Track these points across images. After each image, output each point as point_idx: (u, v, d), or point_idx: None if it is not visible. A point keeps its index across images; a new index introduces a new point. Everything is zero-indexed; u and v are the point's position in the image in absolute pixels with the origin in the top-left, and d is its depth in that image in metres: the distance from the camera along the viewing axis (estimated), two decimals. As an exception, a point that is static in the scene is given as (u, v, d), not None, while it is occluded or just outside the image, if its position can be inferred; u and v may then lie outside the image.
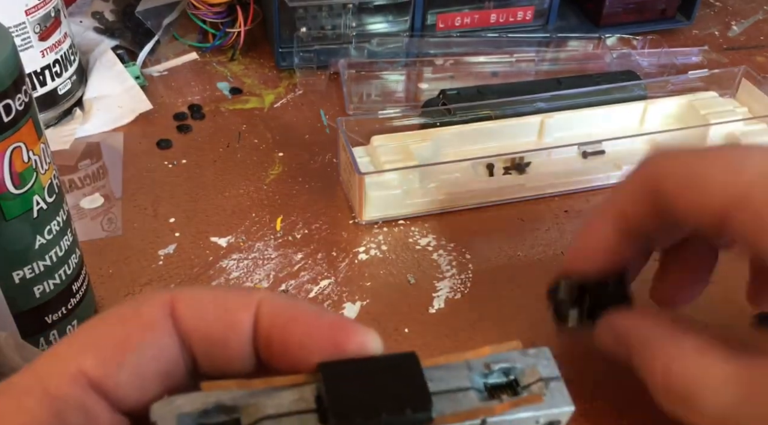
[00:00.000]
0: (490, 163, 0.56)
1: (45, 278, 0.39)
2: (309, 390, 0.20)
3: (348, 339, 0.21)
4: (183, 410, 0.20)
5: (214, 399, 0.20)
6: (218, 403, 0.20)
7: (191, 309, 0.21)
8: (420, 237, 0.52)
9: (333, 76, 0.68)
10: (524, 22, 0.72)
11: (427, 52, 0.69)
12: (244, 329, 0.21)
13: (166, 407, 0.20)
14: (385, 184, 0.53)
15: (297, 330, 0.21)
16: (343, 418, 0.19)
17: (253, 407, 0.20)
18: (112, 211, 0.54)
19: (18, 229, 0.36)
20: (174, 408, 0.20)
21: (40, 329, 0.40)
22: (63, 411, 0.19)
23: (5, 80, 0.33)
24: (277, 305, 0.21)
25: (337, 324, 0.21)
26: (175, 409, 0.20)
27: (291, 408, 0.20)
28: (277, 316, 0.21)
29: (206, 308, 0.21)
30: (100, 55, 0.66)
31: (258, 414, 0.20)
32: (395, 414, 0.20)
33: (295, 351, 0.21)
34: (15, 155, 0.34)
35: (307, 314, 0.21)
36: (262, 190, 0.56)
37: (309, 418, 0.20)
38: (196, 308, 0.21)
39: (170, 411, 0.20)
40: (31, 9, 0.54)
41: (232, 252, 0.51)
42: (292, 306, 0.21)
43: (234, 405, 0.20)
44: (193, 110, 0.64)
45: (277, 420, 0.20)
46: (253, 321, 0.21)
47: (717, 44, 0.76)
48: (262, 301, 0.21)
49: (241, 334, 0.21)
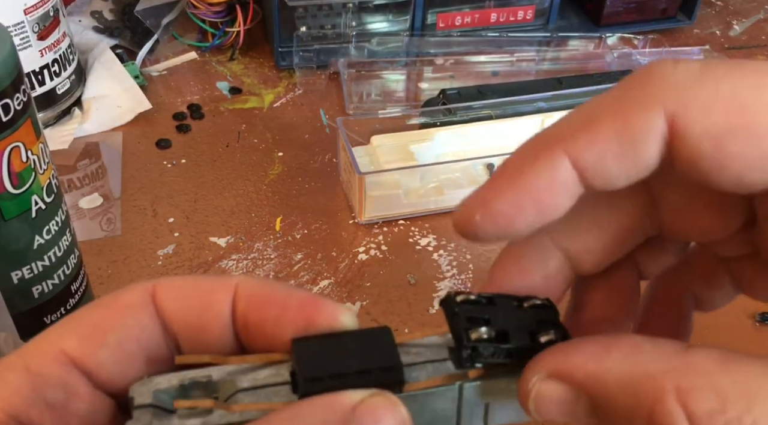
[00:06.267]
0: (490, 163, 0.55)
1: (44, 278, 0.39)
2: (285, 367, 0.21)
3: (318, 313, 0.21)
4: (160, 387, 0.20)
5: (191, 377, 0.21)
6: (194, 380, 0.21)
7: (171, 294, 0.22)
8: (420, 237, 0.52)
9: (333, 75, 0.68)
10: (525, 21, 0.72)
11: (428, 51, 0.69)
12: (222, 310, 0.22)
13: (144, 385, 0.20)
14: (385, 184, 0.52)
15: (271, 309, 0.22)
16: (312, 380, 0.20)
17: (230, 383, 0.21)
18: (111, 211, 0.54)
19: (16, 229, 0.36)
20: (152, 385, 0.20)
21: (39, 329, 0.40)
22: (41, 386, 0.20)
23: (4, 80, 0.33)
24: (253, 287, 0.22)
25: (308, 300, 0.22)
26: (152, 386, 0.20)
27: (266, 381, 0.21)
28: (253, 297, 0.22)
29: (185, 292, 0.22)
30: (99, 55, 0.65)
31: (233, 389, 0.21)
32: (364, 374, 0.20)
33: (271, 329, 0.21)
34: (13, 154, 0.34)
35: (280, 294, 0.22)
36: (262, 190, 0.56)
37: (282, 389, 0.20)
38: (175, 292, 0.22)
39: (148, 388, 0.20)
40: (30, 8, 0.54)
41: (231, 252, 0.51)
42: (267, 287, 0.22)
43: (209, 382, 0.21)
44: (193, 110, 0.64)
45: (251, 392, 0.21)
46: (231, 304, 0.22)
47: (718, 44, 0.76)
48: (239, 284, 0.22)
49: (219, 316, 0.22)
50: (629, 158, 0.20)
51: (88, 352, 0.21)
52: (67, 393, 0.21)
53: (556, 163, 0.21)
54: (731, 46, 0.76)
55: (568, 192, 0.21)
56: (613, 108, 0.21)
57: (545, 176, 0.21)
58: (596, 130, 0.20)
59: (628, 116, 0.20)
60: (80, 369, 0.21)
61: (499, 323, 0.22)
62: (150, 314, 0.22)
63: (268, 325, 0.22)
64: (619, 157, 0.20)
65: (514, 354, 0.22)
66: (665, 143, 0.20)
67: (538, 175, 0.21)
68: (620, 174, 0.21)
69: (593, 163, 0.21)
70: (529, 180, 0.21)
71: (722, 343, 0.45)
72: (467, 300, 0.22)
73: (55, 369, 0.21)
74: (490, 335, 0.21)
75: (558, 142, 0.21)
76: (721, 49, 0.74)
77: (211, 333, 0.22)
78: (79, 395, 0.21)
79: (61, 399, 0.21)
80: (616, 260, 0.26)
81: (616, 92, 0.21)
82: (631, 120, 0.20)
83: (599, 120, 0.21)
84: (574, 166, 0.21)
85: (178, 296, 0.22)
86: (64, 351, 0.21)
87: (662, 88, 0.20)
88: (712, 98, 0.20)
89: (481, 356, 0.21)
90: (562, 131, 0.21)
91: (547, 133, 0.22)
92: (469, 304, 0.22)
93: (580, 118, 0.21)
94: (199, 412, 0.20)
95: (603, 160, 0.20)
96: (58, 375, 0.21)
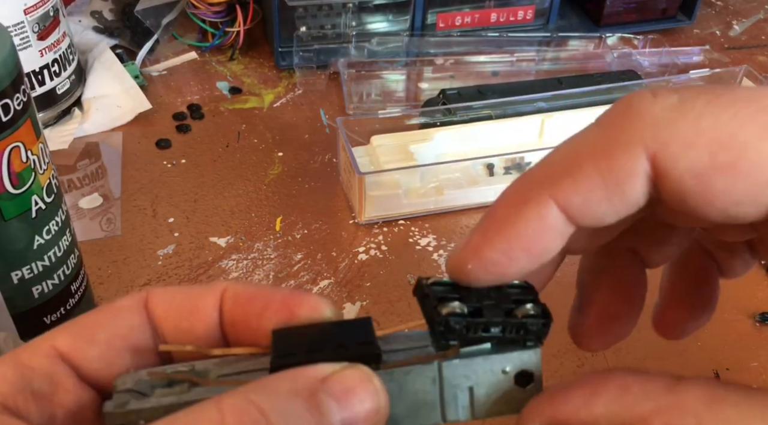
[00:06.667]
0: (490, 163, 0.55)
1: (44, 278, 0.39)
2: (266, 358, 0.21)
3: (300, 306, 0.22)
4: (143, 378, 0.21)
5: (173, 368, 0.21)
6: (176, 371, 0.21)
7: (162, 299, 0.23)
8: (420, 237, 0.52)
9: (333, 75, 0.68)
10: (525, 21, 0.72)
11: (428, 51, 0.69)
12: (209, 312, 0.23)
13: (128, 377, 0.21)
14: (385, 184, 0.52)
15: (255, 304, 0.23)
16: (284, 355, 0.20)
17: (211, 372, 0.21)
18: (111, 211, 0.54)
19: (16, 229, 0.36)
20: (136, 377, 0.21)
21: (39, 329, 0.40)
22: (29, 375, 0.21)
23: (4, 80, 0.33)
24: (239, 288, 0.23)
25: (291, 295, 0.23)
26: (136, 377, 0.21)
27: (246, 369, 0.21)
28: (239, 297, 0.23)
29: (175, 297, 0.23)
30: (99, 55, 0.65)
31: (214, 376, 0.21)
32: (338, 348, 0.20)
33: (255, 323, 0.22)
34: (13, 154, 0.34)
35: (264, 291, 0.23)
36: (262, 190, 0.56)
37: (261, 374, 0.21)
38: (166, 298, 0.23)
39: (132, 378, 0.21)
40: (30, 8, 0.54)
41: (231, 252, 0.51)
42: (253, 287, 0.23)
43: (192, 371, 0.21)
44: (193, 110, 0.63)
45: (231, 377, 0.21)
46: (219, 306, 0.23)
47: (718, 44, 0.76)
48: (227, 288, 0.23)
49: (206, 317, 0.23)
50: (616, 199, 0.21)
51: (77, 347, 0.22)
52: (53, 384, 0.21)
53: (543, 209, 0.21)
54: (731, 46, 0.76)
55: (558, 234, 0.21)
56: (595, 149, 0.21)
57: (533, 224, 0.21)
58: (580, 173, 0.21)
59: (610, 158, 0.20)
60: (68, 362, 0.22)
61: (473, 301, 0.22)
62: (140, 317, 0.23)
63: (252, 320, 0.22)
64: (605, 199, 0.20)
65: (491, 329, 0.21)
66: (651, 182, 0.20)
67: (527, 222, 0.21)
68: (608, 213, 0.21)
69: (580, 206, 0.21)
70: (518, 228, 0.21)
71: (722, 343, 0.45)
72: (438, 282, 0.22)
73: (43, 361, 0.22)
74: (463, 310, 0.21)
75: (543, 187, 0.21)
76: (721, 49, 0.74)
77: (198, 334, 0.23)
78: (65, 387, 0.22)
79: (47, 389, 0.21)
80: (608, 241, 0.26)
81: (597, 131, 0.21)
82: (613, 162, 0.20)
83: (582, 163, 0.21)
84: (561, 210, 0.21)
85: (168, 300, 0.23)
86: (54, 346, 0.22)
87: (641, 126, 0.20)
88: (693, 134, 0.20)
89: (454, 331, 0.21)
90: (547, 175, 0.21)
91: (532, 176, 0.22)
92: (441, 286, 0.22)
93: (564, 160, 0.21)
94: (176, 391, 0.21)
95: (589, 203, 0.21)
96: (45, 367, 0.21)
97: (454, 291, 0.22)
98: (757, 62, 0.73)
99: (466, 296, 0.22)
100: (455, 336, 0.21)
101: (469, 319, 0.21)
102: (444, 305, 0.21)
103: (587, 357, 0.43)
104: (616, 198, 0.20)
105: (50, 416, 0.21)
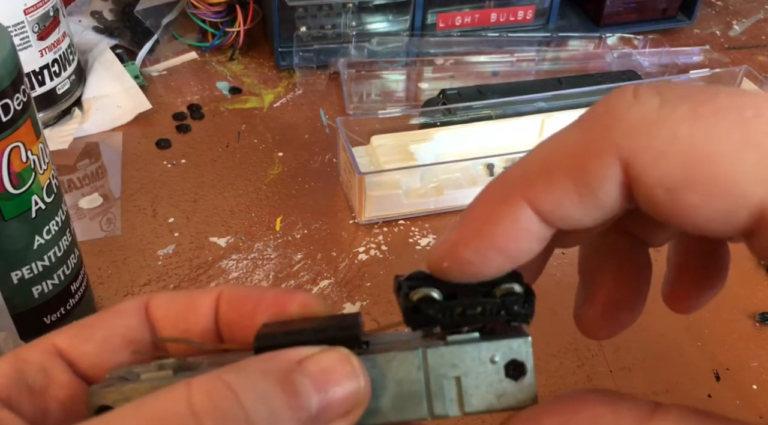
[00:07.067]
0: (490, 163, 0.55)
1: (43, 278, 0.39)
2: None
3: (291, 301, 0.23)
4: (134, 369, 0.22)
5: (164, 362, 0.22)
6: (168, 364, 0.22)
7: (161, 302, 0.24)
8: (420, 237, 0.52)
9: (333, 75, 0.68)
10: (525, 21, 0.72)
11: (428, 51, 0.69)
12: (205, 313, 0.24)
13: (122, 368, 0.22)
14: (385, 184, 0.52)
15: (248, 303, 0.23)
16: (264, 337, 0.21)
17: (202, 364, 0.22)
18: (111, 211, 0.54)
19: (16, 229, 0.36)
20: (129, 368, 0.22)
21: (39, 329, 0.40)
22: (24, 369, 0.22)
23: (4, 80, 0.33)
24: (234, 290, 0.24)
25: (283, 292, 0.23)
26: (128, 368, 0.22)
27: (234, 359, 0.21)
28: (233, 298, 0.24)
29: (173, 300, 0.24)
30: (99, 55, 0.65)
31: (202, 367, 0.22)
32: (319, 332, 0.20)
33: (248, 321, 0.23)
34: (13, 154, 0.34)
35: (258, 291, 0.24)
36: (262, 190, 0.56)
37: None
38: (165, 301, 0.24)
39: (125, 369, 0.22)
40: (30, 8, 0.54)
41: (231, 252, 0.51)
42: (248, 288, 0.24)
43: (183, 363, 0.22)
44: (193, 110, 0.63)
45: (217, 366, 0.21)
46: (215, 307, 0.24)
47: (718, 44, 0.76)
48: (223, 290, 0.24)
49: (202, 317, 0.24)
50: (589, 204, 0.20)
51: (74, 344, 0.23)
52: (47, 378, 0.22)
53: (517, 211, 0.20)
54: (731, 46, 0.76)
55: (534, 236, 0.21)
56: (570, 153, 0.20)
57: (507, 225, 0.21)
58: (553, 177, 0.20)
59: (583, 162, 0.20)
60: (64, 358, 0.23)
61: (448, 289, 0.21)
62: (139, 318, 0.24)
63: (246, 319, 0.23)
64: (579, 204, 0.20)
65: (468, 313, 0.21)
66: (624, 188, 0.20)
67: (501, 224, 0.21)
68: (583, 217, 0.20)
69: (553, 210, 0.20)
70: (492, 229, 0.21)
71: (722, 343, 0.45)
72: (414, 276, 0.22)
73: (39, 356, 0.22)
74: (435, 295, 0.21)
75: (518, 188, 0.21)
76: (721, 49, 0.74)
77: (195, 335, 0.24)
78: (60, 381, 0.22)
79: (42, 382, 0.22)
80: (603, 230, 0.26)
81: (573, 133, 0.21)
82: (586, 167, 0.20)
83: (556, 167, 0.20)
84: (535, 212, 0.20)
85: (166, 303, 0.24)
86: (53, 343, 0.23)
87: (617, 130, 0.20)
88: (667, 144, 0.19)
89: (427, 315, 0.21)
90: (523, 176, 0.21)
91: (510, 176, 0.21)
92: (417, 279, 0.22)
93: (539, 162, 0.21)
94: (161, 376, 0.21)
95: (562, 206, 0.20)
96: (40, 361, 0.22)
97: (429, 281, 0.22)
98: (757, 62, 0.73)
99: (441, 285, 0.21)
100: (431, 322, 0.21)
101: (443, 302, 0.21)
102: (415, 291, 0.21)
103: (587, 357, 0.43)
104: (589, 203, 0.20)
105: (43, 409, 0.22)
